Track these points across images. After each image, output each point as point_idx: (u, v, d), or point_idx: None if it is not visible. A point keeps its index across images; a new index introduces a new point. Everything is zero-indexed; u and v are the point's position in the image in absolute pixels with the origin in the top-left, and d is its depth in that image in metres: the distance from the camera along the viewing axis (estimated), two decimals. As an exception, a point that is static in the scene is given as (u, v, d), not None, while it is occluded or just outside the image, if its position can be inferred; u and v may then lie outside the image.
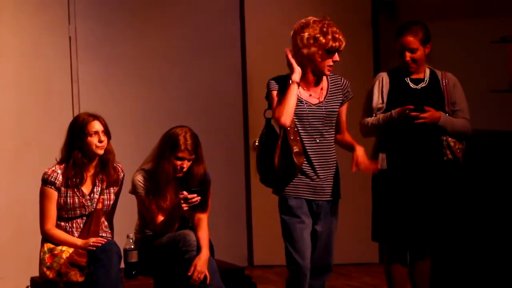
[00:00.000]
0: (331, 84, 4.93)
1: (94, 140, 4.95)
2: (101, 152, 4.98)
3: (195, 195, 4.98)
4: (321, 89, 4.91)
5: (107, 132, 5.00)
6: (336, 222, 4.98)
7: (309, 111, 4.84)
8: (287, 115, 4.75)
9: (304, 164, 4.83)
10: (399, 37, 5.14)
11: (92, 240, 4.90)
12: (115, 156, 5.08)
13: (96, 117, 4.98)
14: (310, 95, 4.87)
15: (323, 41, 4.77)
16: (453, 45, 6.40)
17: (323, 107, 4.87)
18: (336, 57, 4.81)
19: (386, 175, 5.15)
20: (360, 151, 4.89)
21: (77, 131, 4.96)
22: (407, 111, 5.00)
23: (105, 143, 4.98)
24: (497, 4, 6.32)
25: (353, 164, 4.86)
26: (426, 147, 5.10)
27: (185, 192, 4.97)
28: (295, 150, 4.78)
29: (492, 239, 5.62)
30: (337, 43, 4.78)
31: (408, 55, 5.11)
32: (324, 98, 4.89)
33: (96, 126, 4.96)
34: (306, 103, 4.85)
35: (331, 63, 4.82)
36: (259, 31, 7.09)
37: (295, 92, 4.77)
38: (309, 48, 4.77)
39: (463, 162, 5.14)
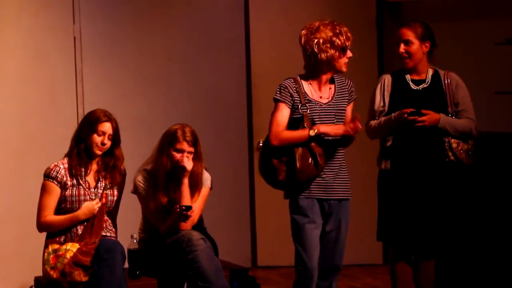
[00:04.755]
0: (338, 84, 4.95)
1: (98, 139, 4.96)
2: (99, 153, 4.99)
3: (192, 208, 5.04)
4: (330, 88, 4.93)
5: (115, 137, 5.00)
6: (348, 221, 4.97)
7: (320, 110, 4.85)
8: (279, 145, 4.81)
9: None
10: (396, 30, 5.18)
11: (97, 204, 4.94)
12: (123, 162, 5.10)
13: (110, 119, 4.98)
14: (321, 97, 4.89)
15: (339, 42, 4.81)
16: (458, 47, 6.40)
17: (333, 106, 4.88)
18: (349, 53, 4.87)
19: (391, 175, 5.15)
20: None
21: (88, 125, 4.98)
22: (405, 115, 5.00)
23: (106, 147, 4.98)
24: (502, 6, 6.32)
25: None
26: (429, 148, 5.10)
27: (179, 208, 5.03)
28: (318, 152, 4.79)
29: (496, 240, 5.62)
30: (349, 41, 4.86)
31: (402, 46, 5.12)
32: (333, 97, 4.90)
33: (106, 127, 4.96)
34: (317, 103, 4.86)
35: (347, 60, 4.87)
36: (264, 32, 7.09)
37: (302, 140, 4.79)
38: (327, 52, 4.81)
39: (467, 162, 5.12)
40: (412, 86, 5.16)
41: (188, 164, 5.09)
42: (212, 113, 6.99)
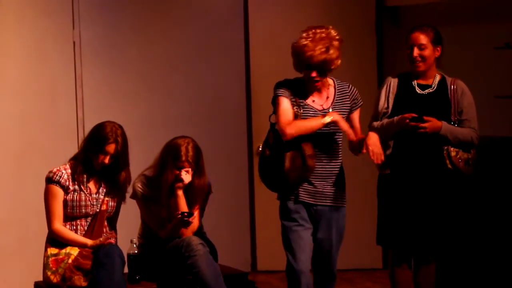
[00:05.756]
0: (338, 92, 4.93)
1: (101, 157, 4.97)
2: (98, 168, 5.02)
3: (194, 214, 5.07)
4: (327, 97, 4.90)
5: (120, 158, 5.00)
6: (341, 230, 4.96)
7: (314, 116, 4.83)
8: (295, 133, 4.76)
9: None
10: (409, 34, 5.12)
11: (103, 238, 4.95)
12: (130, 181, 5.14)
13: (116, 141, 4.97)
14: (313, 101, 4.87)
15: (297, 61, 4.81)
16: (457, 51, 6.39)
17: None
18: (313, 73, 4.79)
19: (391, 180, 5.14)
20: (373, 136, 4.83)
21: (96, 142, 4.98)
22: (407, 121, 4.99)
23: (105, 164, 4.99)
24: (501, 10, 6.33)
25: (363, 146, 4.80)
26: (428, 156, 5.08)
27: (181, 215, 5.04)
28: (308, 153, 4.77)
29: (496, 245, 5.61)
30: (309, 61, 4.75)
31: (416, 50, 5.07)
32: (331, 105, 4.88)
33: (110, 148, 4.97)
34: (310, 108, 4.85)
35: (311, 76, 4.80)
36: (263, 36, 7.10)
37: (318, 126, 4.77)
38: (299, 72, 4.84)
39: (466, 172, 5.09)
40: (417, 90, 5.14)
41: (186, 177, 5.10)
42: (211, 117, 6.99)
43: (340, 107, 4.90)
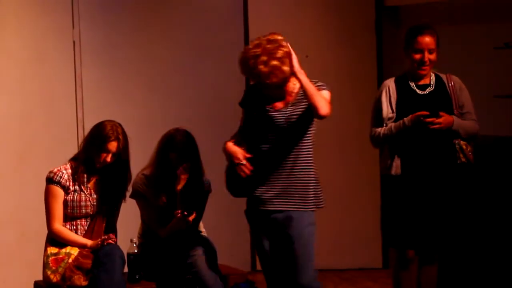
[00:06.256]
0: (301, 92, 4.58)
1: (103, 156, 4.97)
2: (99, 167, 5.01)
3: (194, 213, 5.04)
4: (286, 102, 4.62)
5: (120, 154, 4.99)
6: (302, 238, 4.57)
7: (272, 118, 4.61)
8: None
9: (256, 174, 4.62)
10: (418, 36, 5.03)
11: (100, 240, 4.94)
12: (131, 179, 5.14)
13: (118, 138, 4.97)
14: (276, 105, 4.63)
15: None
16: (457, 51, 6.40)
17: (285, 113, 4.60)
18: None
19: (399, 180, 5.09)
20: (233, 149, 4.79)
21: (98, 141, 4.97)
22: (421, 118, 4.97)
23: (108, 162, 4.99)
24: (501, 10, 6.33)
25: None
26: (440, 151, 5.05)
27: (181, 214, 5.03)
28: (236, 162, 4.68)
29: (495, 245, 5.62)
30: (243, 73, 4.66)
31: (427, 55, 5.03)
32: (286, 107, 4.60)
33: (112, 146, 4.96)
34: (274, 111, 4.62)
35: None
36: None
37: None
38: None
39: (473, 163, 5.12)
40: (418, 92, 5.12)
41: (183, 174, 5.10)
42: (211, 117, 7.00)
43: (299, 105, 4.58)
